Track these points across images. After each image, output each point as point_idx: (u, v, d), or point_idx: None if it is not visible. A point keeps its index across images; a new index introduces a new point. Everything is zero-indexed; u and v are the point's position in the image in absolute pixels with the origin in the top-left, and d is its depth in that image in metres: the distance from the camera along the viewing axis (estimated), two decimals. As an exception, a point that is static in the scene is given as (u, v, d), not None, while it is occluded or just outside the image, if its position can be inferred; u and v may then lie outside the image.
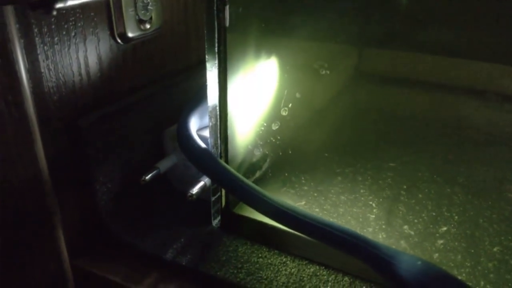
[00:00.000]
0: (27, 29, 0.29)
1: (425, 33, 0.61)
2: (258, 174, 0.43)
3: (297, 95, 0.44)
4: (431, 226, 0.39)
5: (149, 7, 0.39)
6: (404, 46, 0.64)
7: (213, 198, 0.38)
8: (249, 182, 0.34)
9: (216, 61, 0.33)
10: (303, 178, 0.45)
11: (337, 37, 0.58)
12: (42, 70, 0.31)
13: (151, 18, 0.39)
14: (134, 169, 0.40)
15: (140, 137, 0.41)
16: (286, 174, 0.46)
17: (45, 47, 0.31)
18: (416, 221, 0.39)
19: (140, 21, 0.38)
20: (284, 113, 0.42)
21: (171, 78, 0.45)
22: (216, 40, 0.32)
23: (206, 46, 0.33)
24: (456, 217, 0.40)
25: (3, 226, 0.31)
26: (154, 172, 0.39)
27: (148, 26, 0.39)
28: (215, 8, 0.31)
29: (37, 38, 0.30)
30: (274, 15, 0.42)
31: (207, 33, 0.32)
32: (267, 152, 0.43)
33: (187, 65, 0.47)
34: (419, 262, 0.27)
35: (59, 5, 0.25)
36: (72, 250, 0.36)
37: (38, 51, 0.30)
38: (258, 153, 0.42)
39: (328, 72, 0.43)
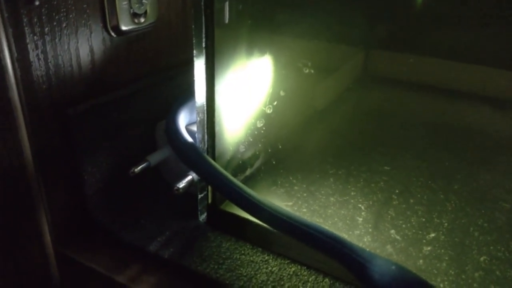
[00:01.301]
0: (17, 18, 0.30)
1: (436, 37, 0.60)
2: (248, 171, 0.43)
3: (296, 94, 0.44)
4: (420, 232, 0.38)
5: (144, 0, 0.39)
6: (412, 49, 0.63)
7: (200, 195, 0.38)
8: (233, 178, 0.34)
9: (204, 57, 0.33)
10: (295, 177, 0.45)
11: (343, 37, 0.57)
12: (32, 59, 0.32)
13: (146, 12, 0.40)
14: (125, 160, 0.40)
15: (132, 129, 0.41)
16: (279, 170, 0.45)
17: (35, 37, 0.31)
18: (404, 226, 0.39)
19: (135, 15, 0.39)
20: (269, 112, 0.41)
21: (166, 71, 0.45)
22: (204, 36, 0.32)
23: (194, 42, 0.33)
24: (446, 224, 0.39)
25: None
26: (144, 164, 0.40)
27: (142, 20, 0.39)
28: (202, 3, 0.31)
29: (26, 28, 0.31)
30: (273, 12, 0.42)
31: (195, 28, 0.32)
32: (258, 151, 0.43)
33: (184, 59, 0.47)
34: (394, 267, 0.26)
35: (42, -5, 0.25)
36: (57, 236, 0.37)
37: (28, 41, 0.31)
38: (248, 151, 0.42)
39: (312, 71, 0.43)
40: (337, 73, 0.62)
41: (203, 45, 0.33)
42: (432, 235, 0.38)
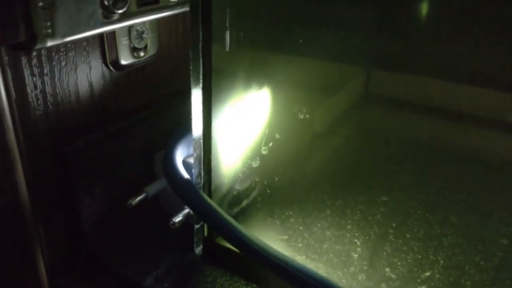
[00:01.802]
0: (16, 60, 0.30)
1: (441, 57, 0.60)
2: (244, 203, 0.43)
3: (294, 134, 0.44)
4: (415, 270, 0.38)
5: (144, 35, 0.39)
6: (415, 69, 0.62)
7: (196, 227, 0.39)
8: (227, 216, 0.34)
9: (201, 97, 0.33)
10: (291, 209, 0.45)
11: (343, 57, 0.57)
12: (30, 100, 0.32)
13: (146, 45, 0.40)
14: (123, 192, 0.41)
15: (130, 161, 0.41)
16: (275, 200, 0.45)
17: (34, 78, 0.32)
18: (399, 263, 0.39)
19: (134, 49, 0.39)
20: (264, 150, 0.42)
21: (166, 101, 0.45)
22: (201, 78, 0.33)
23: (191, 81, 0.33)
24: (442, 261, 0.39)
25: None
26: (142, 196, 0.40)
27: (142, 54, 0.40)
28: (200, 47, 0.31)
29: (25, 69, 0.31)
30: (270, 34, 0.42)
31: (192, 69, 0.32)
32: (254, 182, 0.43)
33: (185, 88, 0.47)
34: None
35: (39, 46, 0.25)
36: (52, 270, 0.37)
37: (26, 82, 0.31)
38: (244, 183, 0.42)
39: (307, 116, 0.43)
40: (337, 95, 0.62)
41: (201, 85, 0.33)
42: (427, 273, 0.38)
